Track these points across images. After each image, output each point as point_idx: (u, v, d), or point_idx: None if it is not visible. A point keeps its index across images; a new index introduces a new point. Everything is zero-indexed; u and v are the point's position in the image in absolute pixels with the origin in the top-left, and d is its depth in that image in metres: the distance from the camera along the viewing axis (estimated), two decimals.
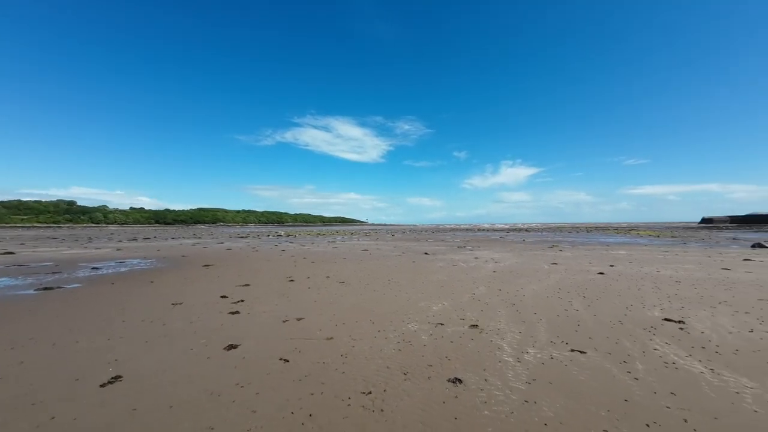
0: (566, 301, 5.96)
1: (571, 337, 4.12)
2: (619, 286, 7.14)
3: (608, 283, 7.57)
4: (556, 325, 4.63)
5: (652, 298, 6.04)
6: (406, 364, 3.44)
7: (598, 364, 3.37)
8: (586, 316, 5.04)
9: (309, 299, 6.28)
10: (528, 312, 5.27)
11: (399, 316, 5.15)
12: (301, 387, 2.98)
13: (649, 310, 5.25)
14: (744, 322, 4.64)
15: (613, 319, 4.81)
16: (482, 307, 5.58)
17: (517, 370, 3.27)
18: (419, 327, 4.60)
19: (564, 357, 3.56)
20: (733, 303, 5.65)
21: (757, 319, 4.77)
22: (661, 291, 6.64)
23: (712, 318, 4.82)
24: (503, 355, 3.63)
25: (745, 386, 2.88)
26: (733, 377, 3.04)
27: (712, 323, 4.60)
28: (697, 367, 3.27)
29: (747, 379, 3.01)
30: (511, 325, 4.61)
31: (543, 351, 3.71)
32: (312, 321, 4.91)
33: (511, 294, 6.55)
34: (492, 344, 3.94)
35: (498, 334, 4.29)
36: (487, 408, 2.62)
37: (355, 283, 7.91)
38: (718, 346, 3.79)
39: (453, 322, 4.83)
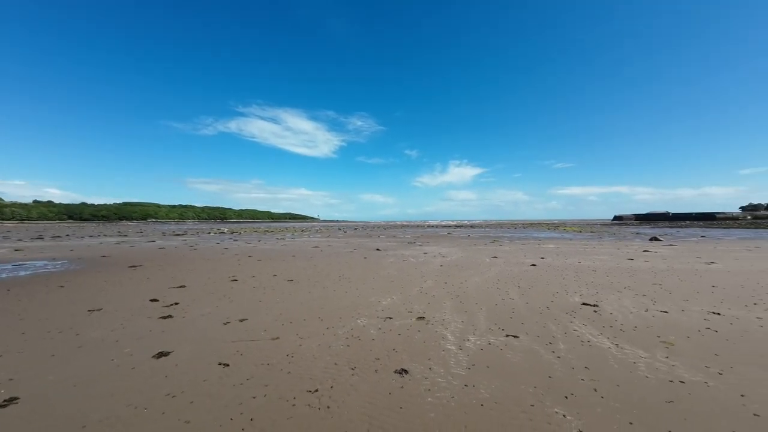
0: (504, 291, 6.48)
1: (507, 324, 4.50)
2: (547, 276, 7.96)
3: (539, 273, 8.40)
4: (494, 313, 5.02)
5: (574, 286, 6.85)
6: (354, 359, 3.45)
7: (529, 347, 3.73)
8: (520, 304, 5.53)
9: (254, 299, 5.96)
10: (470, 303, 5.62)
11: (349, 312, 5.14)
12: (242, 391, 2.82)
13: (571, 297, 5.94)
14: (642, 303, 5.49)
15: (542, 306, 5.36)
16: (429, 300, 5.82)
17: (458, 357, 3.47)
18: (368, 322, 4.64)
19: (500, 342, 3.87)
20: (634, 287, 6.65)
21: (651, 300, 5.67)
22: (581, 279, 7.56)
23: (619, 301, 5.63)
24: (447, 344, 3.83)
25: (640, 356, 3.42)
26: (632, 350, 3.59)
27: (618, 305, 5.36)
28: (606, 343, 3.79)
29: (642, 350, 3.57)
30: (455, 316, 4.89)
31: (482, 338, 4.00)
32: (256, 321, 4.68)
33: (455, 286, 6.93)
34: (437, 334, 4.14)
35: (443, 324, 4.51)
36: (430, 395, 2.74)
37: (305, 280, 7.70)
38: (622, 324, 4.44)
39: (401, 315, 4.96)
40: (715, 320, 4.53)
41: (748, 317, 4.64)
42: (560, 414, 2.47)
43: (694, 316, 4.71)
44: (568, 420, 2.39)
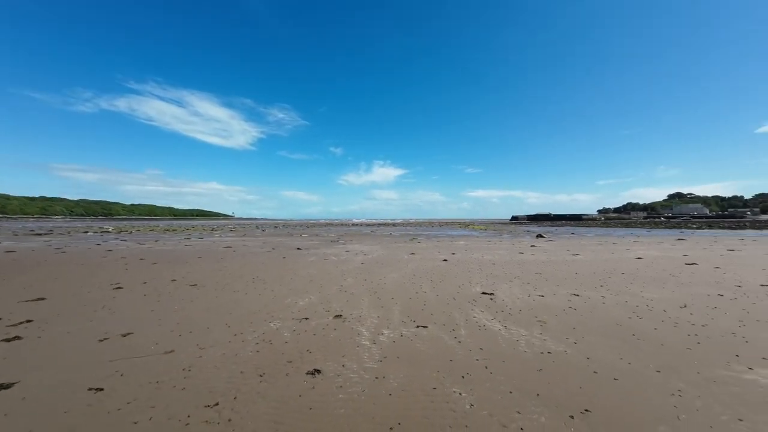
0: (418, 285, 6.93)
1: (418, 316, 4.83)
2: (456, 270, 8.81)
3: (449, 268, 9.24)
4: (408, 306, 5.32)
5: (477, 278, 7.73)
6: (263, 364, 3.25)
7: (435, 335, 4.07)
8: (431, 296, 5.99)
9: (143, 309, 5.12)
10: (387, 298, 5.85)
11: (261, 315, 4.83)
12: (119, 418, 2.39)
13: (473, 287, 6.70)
14: (526, 290, 6.51)
15: (449, 297, 5.90)
16: (348, 298, 5.86)
17: (372, 351, 3.58)
18: (282, 324, 4.44)
19: (411, 333, 4.12)
20: (522, 277, 7.84)
21: (533, 287, 6.77)
22: (483, 271, 8.58)
23: (510, 289, 6.56)
24: (362, 339, 3.91)
25: (522, 335, 4.05)
26: (516, 330, 4.23)
27: (509, 293, 6.25)
28: (497, 326, 4.38)
29: (524, 329, 4.24)
30: (372, 311, 5.02)
31: (395, 331, 4.20)
32: (145, 334, 4.03)
33: (374, 283, 7.12)
34: (353, 331, 4.19)
35: (359, 320, 4.59)
36: (342, 391, 2.76)
37: (211, 284, 6.94)
38: (510, 309, 5.18)
39: (318, 314, 4.87)
40: (575, 300, 5.65)
41: (596, 296, 5.91)
42: (457, 393, 2.75)
43: (561, 298, 5.78)
44: (462, 397, 2.69)
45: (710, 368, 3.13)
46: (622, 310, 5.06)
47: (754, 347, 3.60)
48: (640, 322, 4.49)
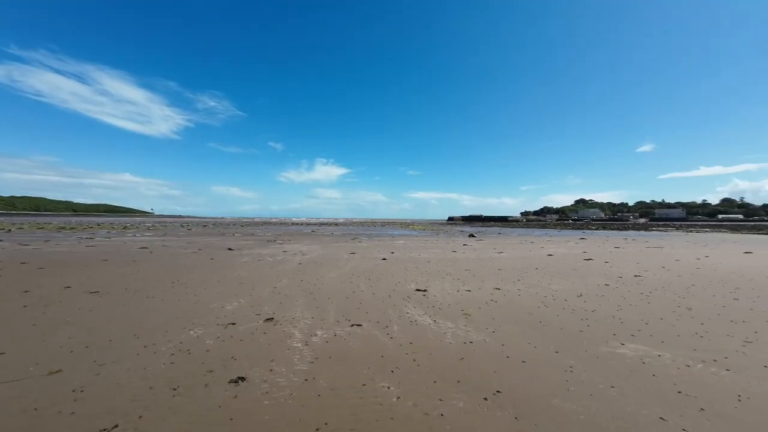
0: (355, 284, 6.96)
1: (354, 314, 4.85)
2: (394, 269, 9.06)
3: (388, 266, 9.47)
4: (344, 306, 5.31)
5: (413, 275, 8.05)
6: (178, 377, 2.95)
7: (369, 333, 4.13)
8: (368, 295, 6.07)
9: (22, 323, 4.25)
10: (323, 298, 5.77)
11: (180, 323, 4.37)
12: None
13: (409, 285, 6.97)
14: (456, 285, 7.00)
15: (385, 295, 6.05)
16: (282, 299, 5.62)
17: (303, 353, 3.50)
18: (205, 331, 4.07)
19: (345, 332, 4.13)
20: (453, 273, 8.40)
21: (462, 282, 7.30)
22: (418, 269, 8.98)
23: (441, 285, 6.98)
24: (293, 342, 3.80)
25: (448, 327, 4.35)
26: (444, 323, 4.52)
27: (441, 289, 6.65)
28: (427, 320, 4.63)
29: (450, 322, 4.55)
30: (306, 312, 4.90)
31: (329, 330, 4.17)
32: (22, 354, 3.35)
33: (311, 283, 6.96)
34: (285, 333, 4.04)
35: (292, 322, 4.45)
36: (268, 397, 2.65)
37: (119, 291, 6.06)
38: (440, 304, 5.52)
39: (248, 318, 4.59)
40: (497, 294, 6.25)
41: (514, 289, 6.62)
42: (386, 387, 2.84)
43: (485, 292, 6.35)
44: (390, 390, 2.78)
45: (595, 346, 3.74)
46: (533, 300, 5.75)
47: (626, 326, 4.39)
48: (547, 310, 5.16)
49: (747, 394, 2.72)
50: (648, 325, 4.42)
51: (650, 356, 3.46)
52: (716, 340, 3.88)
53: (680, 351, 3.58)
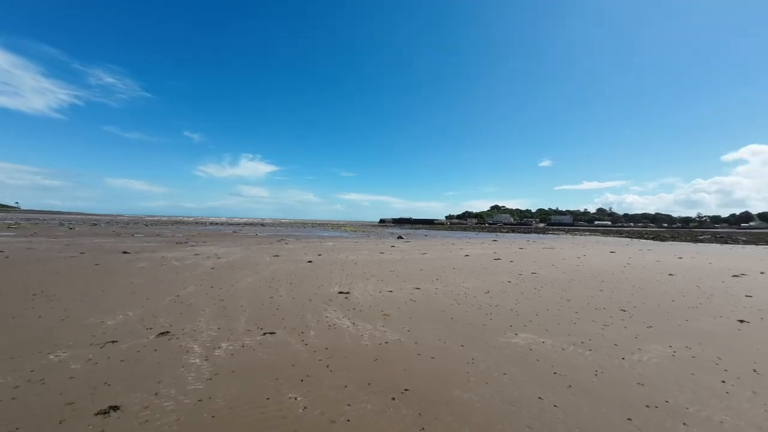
0: (275, 289, 6.55)
1: (268, 322, 4.54)
2: (319, 271, 8.82)
3: (313, 269, 9.17)
4: (258, 313, 4.94)
5: (338, 278, 7.94)
6: (23, 417, 2.34)
7: (283, 341, 3.90)
8: (287, 299, 5.76)
9: None
10: (235, 305, 5.27)
11: (35, 345, 3.50)
12: None
13: (332, 287, 6.84)
14: (379, 286, 7.12)
15: (305, 299, 5.82)
16: (183, 309, 4.96)
17: (201, 369, 3.11)
18: (72, 354, 3.34)
19: (255, 342, 3.82)
20: (378, 275, 8.54)
21: (385, 283, 7.46)
22: (344, 271, 8.90)
23: (365, 287, 7.03)
24: (191, 357, 3.36)
25: (366, 329, 4.36)
26: (363, 325, 4.53)
27: (364, 291, 6.68)
28: (346, 323, 4.58)
29: (368, 324, 4.58)
30: (212, 323, 4.41)
31: (236, 342, 3.80)
32: None
33: (223, 290, 6.32)
34: (181, 349, 3.55)
35: (192, 335, 3.94)
36: (145, 427, 2.26)
37: None
38: (362, 305, 5.53)
39: (135, 334, 3.92)
40: (416, 293, 6.54)
41: (432, 288, 7.01)
42: (293, 398, 2.69)
43: (406, 292, 6.59)
44: (298, 401, 2.64)
45: (494, 337, 4.16)
46: (448, 298, 6.16)
47: (521, 318, 5.00)
48: (458, 307, 5.58)
49: (601, 369, 3.31)
50: (537, 316, 5.10)
51: (536, 343, 3.98)
52: (584, 326, 4.67)
53: (558, 337, 4.20)
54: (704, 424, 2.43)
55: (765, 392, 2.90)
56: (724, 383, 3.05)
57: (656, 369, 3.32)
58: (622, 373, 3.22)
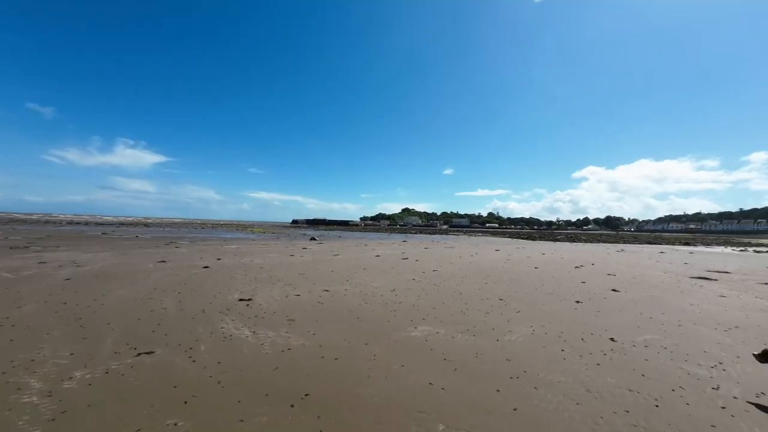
0: (158, 301, 5.62)
1: (144, 340, 3.86)
2: (217, 277, 7.92)
3: (209, 275, 8.19)
4: (132, 330, 4.15)
5: (239, 284, 7.27)
6: None
7: (164, 360, 3.37)
8: (173, 312, 5.00)
9: None
10: (99, 324, 4.32)
11: None
12: None
13: (232, 294, 6.24)
14: (286, 290, 6.80)
15: (197, 310, 5.16)
16: (15, 336, 3.83)
17: (40, 409, 2.45)
18: None
19: (125, 366, 3.20)
20: (286, 278, 8.15)
21: (293, 287, 7.17)
22: (248, 276, 8.22)
23: (270, 292, 6.62)
24: (23, 396, 2.61)
25: (268, 336, 4.12)
26: (264, 332, 4.26)
27: (269, 296, 6.29)
28: (246, 332, 4.24)
29: (271, 331, 4.33)
30: (61, 349, 3.51)
31: (98, 368, 3.12)
32: None
33: (82, 306, 5.11)
34: (8, 387, 2.73)
35: (27, 368, 3.07)
36: None
37: None
38: (265, 312, 5.20)
39: None
40: (325, 295, 6.48)
41: (341, 290, 7.05)
42: (173, 423, 2.35)
43: (314, 295, 6.47)
44: (178, 426, 2.32)
45: (396, 332, 4.43)
46: (356, 298, 6.29)
47: (421, 312, 5.45)
48: (365, 306, 5.75)
49: (481, 351, 3.87)
50: (435, 309, 5.64)
51: (432, 334, 4.40)
52: (471, 315, 5.37)
53: (450, 327, 4.73)
54: (548, 385, 3.08)
55: (587, 355, 3.83)
56: (563, 351, 3.91)
57: (520, 346, 4.05)
58: (496, 353, 3.82)
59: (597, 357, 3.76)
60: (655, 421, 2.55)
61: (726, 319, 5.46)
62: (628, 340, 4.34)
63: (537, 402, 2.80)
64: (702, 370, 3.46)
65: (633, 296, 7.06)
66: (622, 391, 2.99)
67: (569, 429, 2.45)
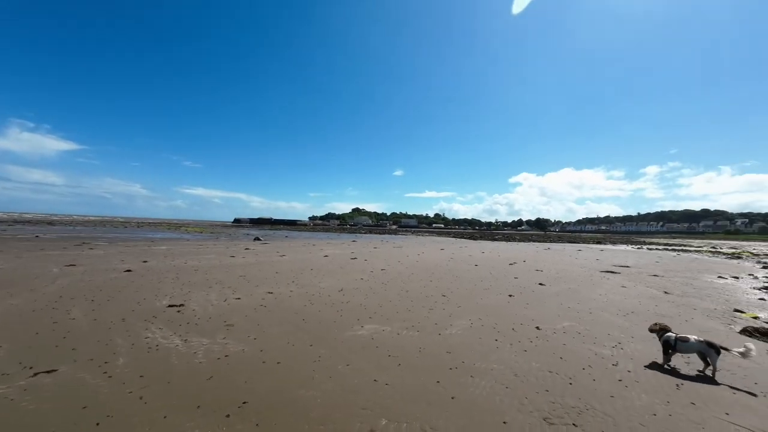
0: (64, 311, 4.83)
1: (44, 357, 3.29)
2: (142, 282, 7.07)
3: (132, 279, 7.27)
4: (27, 346, 3.51)
5: (169, 288, 6.58)
6: None
7: (70, 378, 2.91)
8: (84, 323, 4.34)
9: None
10: None
11: None
12: None
13: (160, 300, 5.62)
14: (224, 294, 6.33)
15: (115, 318, 4.55)
16: None
17: None
18: None
19: (17, 389, 2.70)
20: (224, 281, 7.59)
21: (232, 290, 6.71)
22: (179, 280, 7.47)
23: (206, 296, 6.11)
24: None
25: (202, 344, 3.80)
26: (198, 340, 3.92)
27: (204, 301, 5.80)
28: (176, 341, 3.86)
29: (206, 338, 4.01)
30: None
31: None
32: None
33: None
34: None
35: None
36: None
37: None
38: (199, 318, 4.78)
39: None
40: (268, 298, 6.18)
41: (286, 291, 6.78)
42: None
43: (256, 297, 6.13)
44: None
45: (343, 332, 4.40)
46: (302, 300, 6.11)
47: (368, 311, 5.49)
48: (312, 307, 5.61)
49: (424, 346, 4.03)
50: (381, 308, 5.73)
51: (378, 332, 4.46)
52: (416, 312, 5.57)
53: (396, 324, 4.85)
54: (483, 373, 3.33)
55: (516, 343, 4.22)
56: (496, 341, 4.26)
57: (459, 339, 4.31)
58: (437, 346, 4.01)
59: (525, 344, 4.16)
60: (569, 397, 2.91)
61: (625, 306, 6.45)
62: (551, 327, 4.88)
63: (472, 389, 3.00)
64: (606, 350, 4.04)
65: (556, 289, 7.95)
66: (544, 373, 3.36)
67: (499, 411, 2.68)
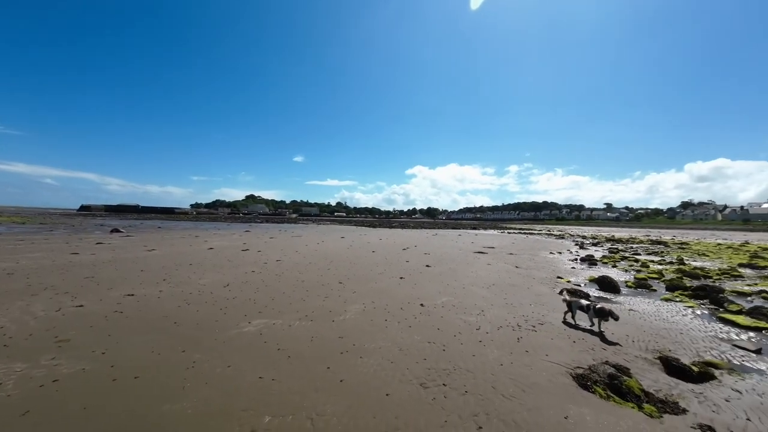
0: None
1: None
2: None
3: None
4: None
5: None
6: None
7: None
8: None
9: None
10: None
11: None
12: None
13: None
14: (59, 302, 4.90)
15: None
16: None
17: None
18: None
19: None
20: (61, 285, 5.87)
21: (72, 297, 5.25)
22: None
23: (28, 307, 4.59)
24: None
25: (13, 371, 2.85)
26: (9, 366, 2.92)
27: (24, 312, 4.36)
28: None
29: (22, 362, 3.02)
30: None
31: None
32: None
33: None
34: None
35: None
36: None
37: None
38: (14, 336, 3.57)
39: None
40: (127, 301, 5.07)
41: (154, 292, 5.70)
42: None
43: (110, 303, 4.95)
44: None
45: (225, 332, 3.97)
46: (175, 300, 5.24)
47: (258, 306, 5.10)
48: (188, 308, 4.87)
49: (317, 335, 3.99)
50: (274, 300, 5.41)
51: (268, 326, 4.20)
52: (311, 301, 5.47)
53: (289, 316, 4.66)
54: (371, 353, 3.51)
55: (403, 321, 4.61)
56: (386, 321, 4.56)
57: (352, 323, 4.44)
58: (330, 333, 4.04)
59: (410, 321, 4.59)
60: (443, 362, 3.35)
61: (488, 279, 7.81)
62: (432, 303, 5.52)
63: (361, 369, 3.14)
64: (472, 318, 4.81)
65: (439, 270, 9.03)
66: (423, 345, 3.77)
67: (385, 384, 2.88)
